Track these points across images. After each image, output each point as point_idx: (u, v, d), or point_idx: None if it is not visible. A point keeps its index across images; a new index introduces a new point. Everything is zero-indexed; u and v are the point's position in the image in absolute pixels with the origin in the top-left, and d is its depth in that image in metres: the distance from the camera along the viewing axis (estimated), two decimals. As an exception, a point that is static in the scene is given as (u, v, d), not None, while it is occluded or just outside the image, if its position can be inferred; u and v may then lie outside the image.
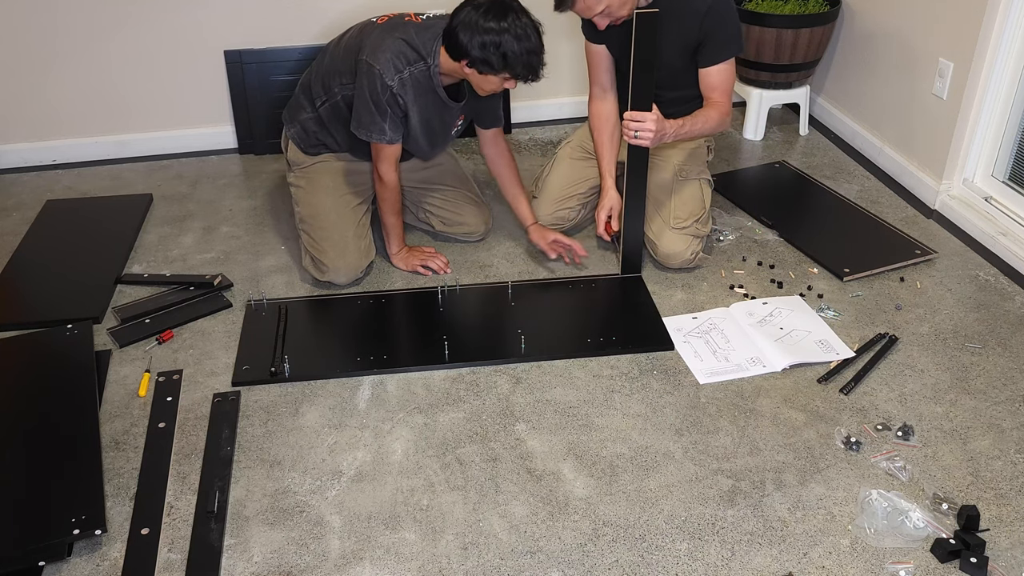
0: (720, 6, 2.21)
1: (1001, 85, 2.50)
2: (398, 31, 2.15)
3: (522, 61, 2.03)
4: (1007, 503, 1.67)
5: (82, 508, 1.62)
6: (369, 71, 2.13)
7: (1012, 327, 2.17)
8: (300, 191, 2.43)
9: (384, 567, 1.57)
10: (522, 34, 2.01)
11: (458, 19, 2.04)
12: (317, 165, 2.42)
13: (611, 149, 2.44)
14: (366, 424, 1.90)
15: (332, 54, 2.31)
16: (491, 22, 2.00)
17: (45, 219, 2.73)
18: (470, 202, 2.52)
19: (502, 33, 2.00)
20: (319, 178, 2.40)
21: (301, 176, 2.44)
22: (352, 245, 2.33)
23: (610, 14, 2.17)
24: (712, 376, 2.02)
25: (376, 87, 2.12)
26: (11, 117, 3.05)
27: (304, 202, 2.41)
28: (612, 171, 2.42)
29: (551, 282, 2.38)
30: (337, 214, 2.35)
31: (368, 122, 2.18)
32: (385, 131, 2.18)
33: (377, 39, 2.15)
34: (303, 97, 2.40)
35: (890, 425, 1.86)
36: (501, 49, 2.01)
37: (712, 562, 1.57)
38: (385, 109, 2.15)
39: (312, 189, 2.40)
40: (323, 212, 2.36)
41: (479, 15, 2.01)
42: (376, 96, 2.13)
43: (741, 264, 2.46)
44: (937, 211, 2.68)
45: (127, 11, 2.94)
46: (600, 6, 2.14)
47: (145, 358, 2.11)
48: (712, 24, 2.22)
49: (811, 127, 3.31)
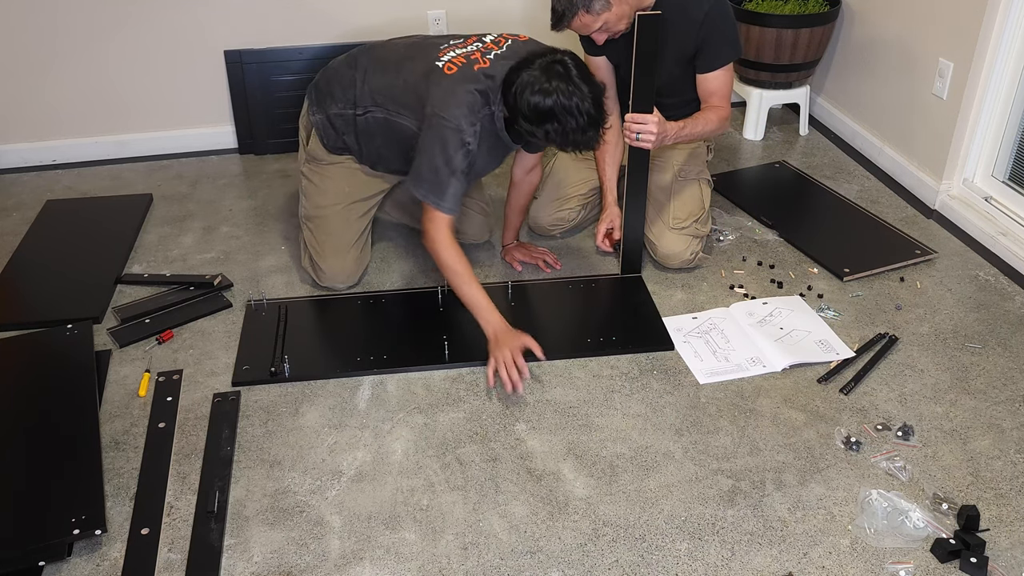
0: (717, 14, 2.21)
1: (1001, 85, 2.50)
2: (469, 82, 2.02)
3: (567, 140, 1.96)
4: (1007, 503, 1.67)
5: (82, 508, 1.62)
6: (443, 126, 1.98)
7: (1012, 327, 2.17)
8: (311, 187, 2.35)
9: (384, 567, 1.57)
10: (571, 107, 1.90)
11: (512, 79, 1.95)
12: (335, 167, 2.32)
13: (613, 166, 2.43)
14: (366, 424, 1.90)
15: (386, 74, 2.17)
16: (540, 91, 1.90)
17: (45, 219, 2.73)
18: (478, 211, 2.50)
19: (548, 108, 1.90)
20: (332, 181, 2.32)
21: (315, 172, 2.34)
22: (351, 254, 2.32)
23: (608, 29, 2.17)
24: (712, 376, 2.02)
25: (449, 145, 1.98)
26: (11, 117, 3.05)
27: (312, 200, 2.36)
28: (614, 188, 2.41)
29: (551, 282, 2.38)
30: (342, 222, 2.32)
31: (431, 182, 2.00)
32: (447, 196, 2.01)
33: (448, 90, 2.01)
34: (337, 90, 2.24)
35: (890, 425, 1.86)
36: (544, 127, 1.94)
37: (712, 562, 1.57)
38: (455, 168, 2.00)
39: (323, 190, 2.33)
40: (328, 217, 2.32)
41: (530, 83, 1.91)
42: (447, 155, 1.98)
43: (741, 264, 2.46)
44: (937, 211, 2.68)
45: (127, 11, 2.94)
46: (597, 23, 2.14)
47: (145, 358, 2.11)
48: (709, 32, 2.22)
49: (811, 127, 3.31)
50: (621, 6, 2.13)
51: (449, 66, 2.06)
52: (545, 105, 1.91)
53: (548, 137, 1.97)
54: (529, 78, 1.92)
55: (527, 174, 2.38)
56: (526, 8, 3.15)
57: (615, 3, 2.11)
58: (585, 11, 2.11)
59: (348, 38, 3.08)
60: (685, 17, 2.20)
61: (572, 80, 1.91)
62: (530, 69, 1.94)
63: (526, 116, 1.95)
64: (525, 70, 1.94)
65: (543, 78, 1.91)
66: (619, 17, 2.14)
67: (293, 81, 3.08)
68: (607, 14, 2.12)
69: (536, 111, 1.92)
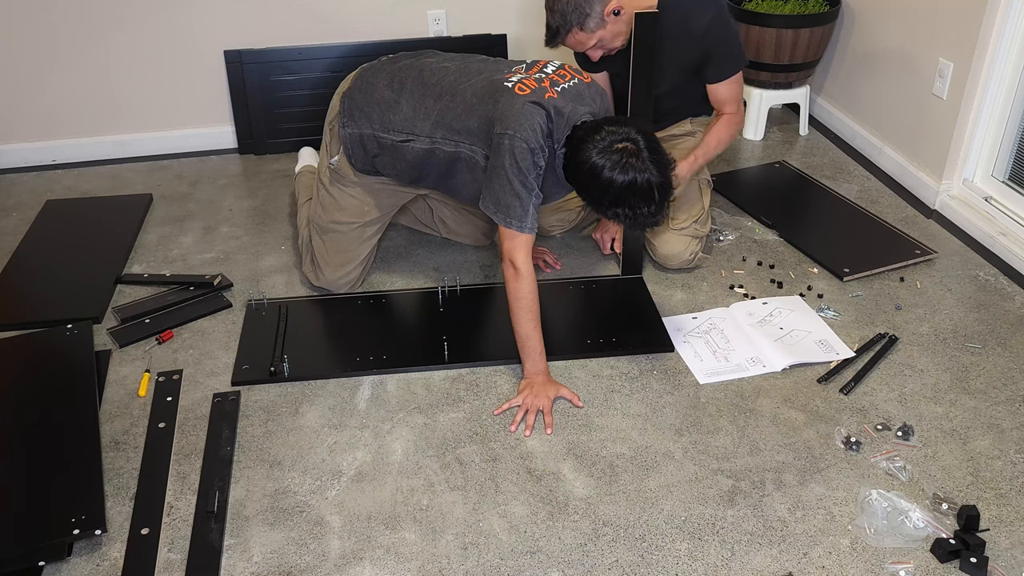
0: (717, 26, 2.21)
1: (1001, 85, 2.50)
2: (541, 109, 1.90)
3: (633, 223, 1.89)
4: (1007, 503, 1.67)
5: (82, 508, 1.62)
6: (514, 147, 1.87)
7: (1012, 327, 2.17)
8: (330, 200, 2.25)
9: (384, 567, 1.57)
10: (640, 189, 1.81)
11: (579, 148, 1.86)
12: (358, 187, 2.22)
13: None
14: (366, 424, 1.90)
15: (441, 99, 2.03)
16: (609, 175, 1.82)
17: (45, 219, 2.73)
18: (483, 218, 2.49)
19: (616, 191, 1.82)
20: (354, 199, 2.24)
21: (337, 188, 2.23)
22: (357, 268, 2.31)
23: (603, 46, 2.17)
24: (712, 376, 2.02)
25: (523, 165, 1.88)
26: (11, 117, 3.05)
27: (329, 214, 2.26)
28: None
29: (551, 282, 2.38)
30: (357, 239, 2.28)
31: (510, 205, 1.90)
32: (527, 217, 1.91)
33: (523, 110, 1.89)
34: (376, 113, 2.09)
35: (890, 425, 1.86)
36: (613, 210, 1.87)
37: (712, 562, 1.57)
38: (532, 186, 1.90)
39: (343, 206, 2.24)
40: (344, 233, 2.27)
41: (600, 162, 1.82)
42: (522, 175, 1.88)
43: (741, 264, 2.46)
44: (937, 211, 2.68)
45: (127, 11, 2.94)
46: (592, 41, 2.14)
47: (145, 358, 2.11)
48: (711, 45, 2.22)
49: (811, 127, 3.31)
50: (617, 24, 2.13)
51: (520, 87, 1.94)
52: (613, 187, 1.82)
53: (617, 219, 1.89)
54: (599, 159, 1.82)
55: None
56: (524, 8, 3.15)
57: (610, 21, 2.11)
58: (579, 28, 2.11)
59: (348, 38, 3.09)
60: (686, 30, 2.20)
61: (643, 160, 1.82)
62: (598, 147, 1.83)
63: (598, 196, 1.86)
64: (592, 144, 1.84)
65: (614, 159, 1.82)
66: (614, 35, 2.14)
67: (293, 81, 3.08)
68: (602, 32, 2.12)
69: (604, 191, 1.84)
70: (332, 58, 3.06)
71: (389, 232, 2.60)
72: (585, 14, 2.08)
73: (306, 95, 3.10)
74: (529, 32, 2.20)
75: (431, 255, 2.49)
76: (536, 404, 1.90)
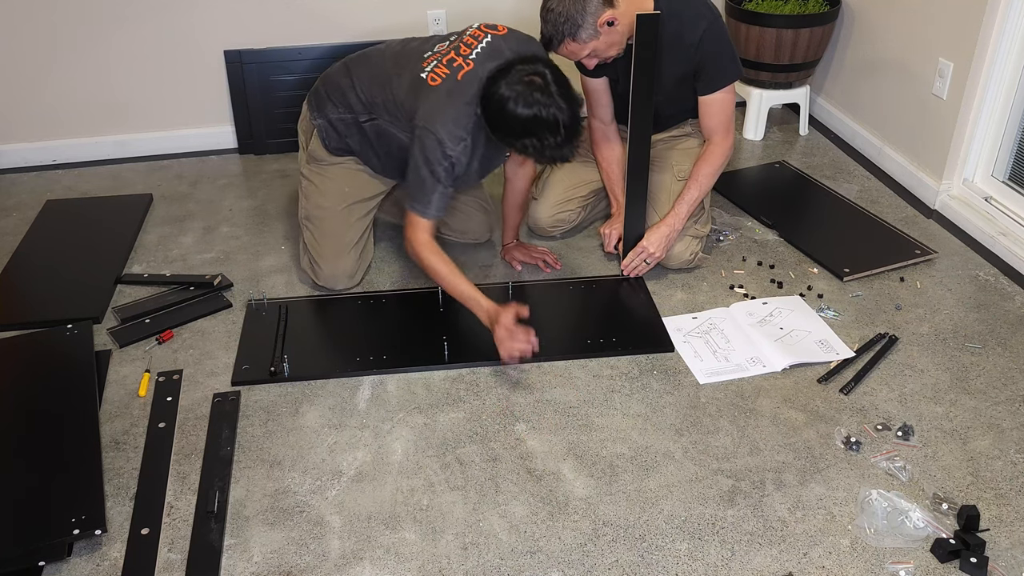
0: (711, 36, 2.20)
1: (1001, 85, 2.50)
2: (454, 95, 2.03)
3: (545, 155, 1.98)
4: (1007, 503, 1.67)
5: (82, 508, 1.62)
6: (425, 139, 2.02)
7: (1012, 327, 2.17)
8: (311, 187, 2.35)
9: (384, 567, 1.57)
10: (549, 121, 1.90)
11: (491, 91, 1.95)
12: (336, 167, 2.33)
13: (622, 183, 2.43)
14: (366, 424, 1.90)
15: (377, 86, 2.19)
16: (518, 106, 1.90)
17: (45, 219, 2.73)
18: (479, 209, 2.50)
19: (526, 123, 1.91)
20: (334, 181, 2.33)
21: (316, 172, 2.35)
22: (351, 255, 2.32)
23: (597, 55, 2.17)
24: (712, 376, 2.02)
25: (431, 158, 2.02)
26: (11, 117, 3.05)
27: (313, 201, 2.35)
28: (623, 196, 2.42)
29: (551, 283, 2.38)
30: (342, 223, 2.32)
31: (417, 192, 2.07)
32: (431, 206, 2.07)
33: (434, 106, 2.04)
34: (336, 96, 2.27)
35: (890, 425, 1.86)
36: (522, 141, 1.95)
37: (712, 562, 1.57)
38: (439, 177, 2.04)
39: (324, 190, 2.33)
40: (328, 217, 2.32)
41: (509, 96, 1.90)
42: (430, 166, 2.03)
43: (741, 264, 2.46)
44: (937, 211, 2.68)
45: (127, 11, 2.94)
46: (585, 51, 2.14)
47: (145, 358, 2.11)
48: (704, 55, 2.22)
49: (811, 127, 3.31)
50: (611, 35, 2.12)
51: (433, 77, 2.07)
52: (524, 119, 1.91)
53: (525, 151, 1.98)
54: (508, 92, 1.91)
55: (519, 167, 2.37)
56: (523, 8, 3.15)
57: (604, 32, 2.10)
58: (571, 39, 2.10)
59: (348, 38, 3.08)
60: (680, 41, 2.20)
61: (551, 95, 1.91)
62: (508, 80, 1.92)
63: (505, 130, 1.96)
64: (503, 80, 1.93)
65: (523, 90, 1.90)
66: (608, 45, 2.14)
67: (293, 81, 3.08)
68: (595, 43, 2.12)
69: (515, 125, 1.93)
70: (332, 58, 3.02)
71: (389, 232, 2.61)
72: (577, 25, 2.08)
73: (306, 95, 3.09)
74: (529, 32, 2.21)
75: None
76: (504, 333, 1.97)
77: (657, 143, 2.46)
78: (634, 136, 2.19)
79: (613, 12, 2.09)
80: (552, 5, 2.09)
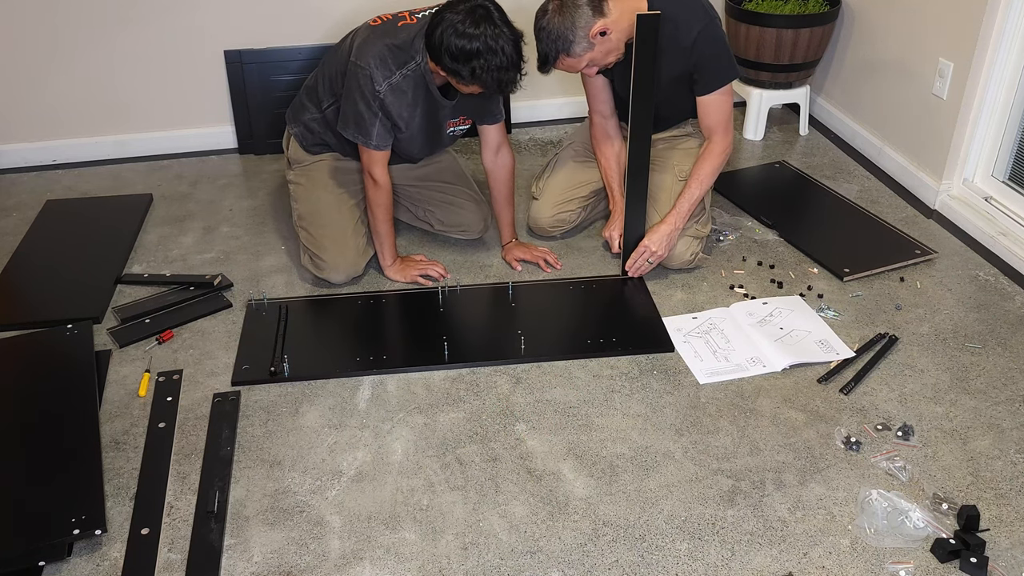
0: (706, 38, 2.20)
1: (1001, 85, 2.50)
2: (389, 36, 2.13)
3: (492, 77, 2.00)
4: (1007, 503, 1.67)
5: (82, 508, 1.62)
6: (357, 73, 2.12)
7: (1012, 327, 2.17)
8: (299, 188, 2.43)
9: (384, 567, 1.57)
10: (495, 47, 1.97)
11: (436, 23, 2.01)
12: (317, 163, 2.42)
13: (621, 180, 2.44)
14: (366, 424, 1.90)
15: (335, 57, 2.29)
16: (465, 33, 1.96)
17: (45, 219, 2.73)
18: (469, 200, 2.52)
19: (473, 47, 1.96)
20: (319, 176, 2.40)
21: (301, 174, 2.44)
22: (351, 242, 2.33)
23: (596, 64, 2.17)
24: (712, 376, 2.02)
25: (365, 91, 2.12)
26: (11, 117, 3.05)
27: (303, 199, 2.41)
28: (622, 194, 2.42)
29: (552, 283, 2.38)
30: (336, 211, 2.35)
31: (355, 123, 2.17)
32: (372, 135, 2.17)
33: (367, 42, 2.13)
34: (307, 99, 2.39)
35: (890, 425, 1.86)
36: (471, 64, 1.98)
37: (712, 562, 1.57)
38: (375, 112, 2.14)
39: (311, 186, 2.40)
40: (322, 209, 2.36)
41: (454, 24, 1.97)
42: (366, 100, 2.13)
43: (741, 264, 2.46)
44: (937, 211, 2.68)
45: (127, 11, 2.94)
46: (582, 64, 2.15)
47: (145, 358, 2.11)
48: (700, 57, 2.22)
49: (811, 127, 3.31)
50: (605, 44, 2.12)
51: (375, 19, 2.20)
52: (471, 44, 1.97)
53: (475, 75, 2.00)
54: (453, 19, 1.98)
55: (496, 155, 2.37)
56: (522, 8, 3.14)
57: (598, 42, 2.10)
58: (566, 55, 2.11)
59: (348, 38, 3.08)
60: (675, 44, 2.20)
61: (495, 22, 1.98)
62: (453, 12, 1.99)
63: (452, 55, 1.99)
64: (448, 12, 2.00)
65: (468, 19, 1.97)
66: (605, 53, 2.14)
67: (293, 81, 3.08)
68: (591, 54, 2.12)
69: (462, 50, 1.97)
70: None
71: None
72: (570, 41, 2.08)
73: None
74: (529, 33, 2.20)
75: (431, 255, 2.48)
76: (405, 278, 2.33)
77: (657, 143, 2.46)
78: (634, 136, 2.19)
79: (605, 22, 2.08)
80: (543, 24, 2.09)
